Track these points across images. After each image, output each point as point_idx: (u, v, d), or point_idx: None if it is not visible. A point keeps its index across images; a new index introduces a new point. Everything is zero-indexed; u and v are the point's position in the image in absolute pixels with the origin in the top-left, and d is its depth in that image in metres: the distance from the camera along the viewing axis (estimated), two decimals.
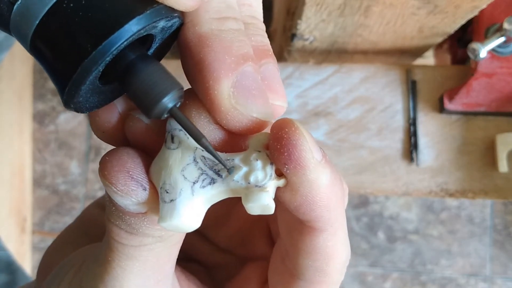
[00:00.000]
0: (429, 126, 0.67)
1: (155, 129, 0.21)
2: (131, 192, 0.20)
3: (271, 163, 0.19)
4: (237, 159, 0.20)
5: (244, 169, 0.19)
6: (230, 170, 0.19)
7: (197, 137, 0.19)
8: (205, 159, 0.20)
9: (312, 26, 0.61)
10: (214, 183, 0.20)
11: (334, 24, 0.60)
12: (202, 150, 0.20)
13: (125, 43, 0.18)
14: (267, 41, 0.23)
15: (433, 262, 1.32)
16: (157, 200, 0.20)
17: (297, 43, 0.67)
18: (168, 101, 0.19)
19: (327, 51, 0.71)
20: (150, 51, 0.21)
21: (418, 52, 0.72)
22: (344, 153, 0.67)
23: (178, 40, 0.20)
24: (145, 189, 0.20)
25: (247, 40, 0.20)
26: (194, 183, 0.20)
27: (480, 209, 1.33)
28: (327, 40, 0.66)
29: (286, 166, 0.19)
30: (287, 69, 0.69)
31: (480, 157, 0.66)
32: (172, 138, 0.20)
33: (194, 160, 0.20)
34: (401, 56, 0.73)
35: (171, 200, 0.19)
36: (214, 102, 0.19)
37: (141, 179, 0.20)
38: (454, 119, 0.67)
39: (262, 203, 0.19)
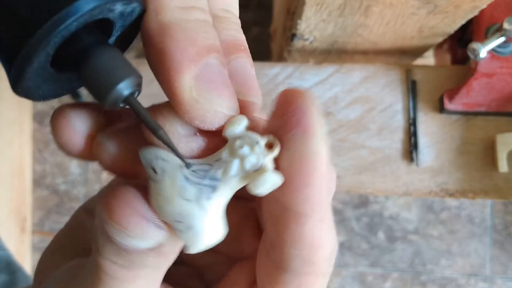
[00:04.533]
0: (429, 126, 0.67)
1: (127, 156, 0.20)
2: (150, 235, 0.19)
3: (257, 142, 0.19)
4: (224, 154, 0.19)
5: (235, 160, 0.19)
6: (188, 165, 0.19)
7: (154, 129, 0.18)
8: (195, 172, 0.19)
9: (312, 26, 0.61)
10: (215, 189, 0.19)
11: (334, 24, 0.60)
12: (187, 164, 0.19)
13: (75, 23, 0.17)
14: (241, 36, 0.22)
15: (433, 262, 1.32)
16: (171, 232, 0.19)
17: (297, 43, 0.67)
18: (124, 88, 0.18)
19: (327, 51, 0.71)
20: (111, 39, 0.20)
21: (418, 52, 0.72)
22: (344, 153, 0.67)
23: (141, 29, 0.19)
24: (161, 228, 0.19)
25: (214, 32, 0.19)
26: (198, 200, 0.19)
27: (480, 209, 1.33)
28: (327, 40, 0.66)
29: (293, 132, 0.18)
30: (287, 69, 0.69)
31: (480, 157, 0.66)
32: (154, 170, 0.19)
33: (186, 178, 0.19)
34: (401, 56, 0.73)
35: (188, 228, 0.19)
36: (176, 95, 0.18)
37: (153, 218, 0.19)
38: (454, 119, 0.67)
39: (268, 183, 0.18)
